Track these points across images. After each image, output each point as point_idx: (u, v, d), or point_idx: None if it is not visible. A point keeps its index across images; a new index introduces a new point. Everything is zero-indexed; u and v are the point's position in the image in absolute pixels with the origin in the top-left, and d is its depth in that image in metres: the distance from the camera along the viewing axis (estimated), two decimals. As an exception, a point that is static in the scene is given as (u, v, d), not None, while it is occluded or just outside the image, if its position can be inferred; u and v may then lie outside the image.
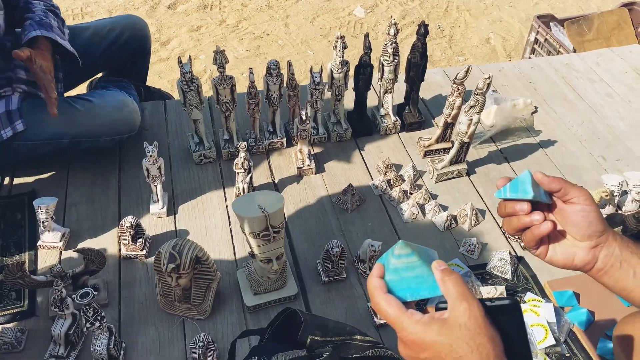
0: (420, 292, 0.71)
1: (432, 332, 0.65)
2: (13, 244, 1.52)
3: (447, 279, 0.68)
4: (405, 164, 1.83)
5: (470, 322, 0.63)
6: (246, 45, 3.25)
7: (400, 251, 0.72)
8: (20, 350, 1.29)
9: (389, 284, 0.71)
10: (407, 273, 0.71)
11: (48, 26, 1.56)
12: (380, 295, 0.70)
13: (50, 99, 1.45)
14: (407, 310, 0.68)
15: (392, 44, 1.77)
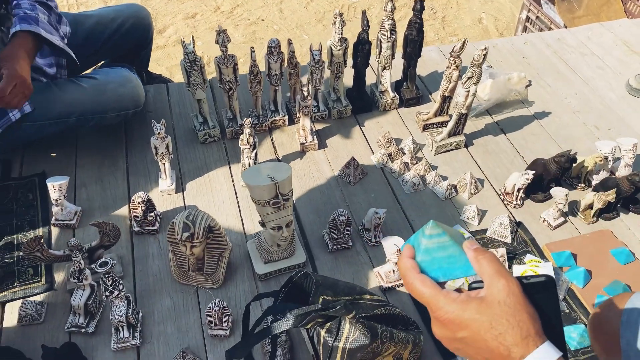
0: (453, 272, 0.70)
1: (470, 310, 0.63)
2: (27, 223, 1.56)
3: (481, 257, 0.67)
4: (405, 137, 1.88)
5: (509, 299, 0.62)
6: (242, 31, 3.28)
7: (431, 231, 0.71)
8: (40, 322, 1.34)
9: (421, 264, 0.70)
10: (439, 253, 0.70)
11: (33, 20, 1.49)
12: (414, 275, 0.69)
13: None
14: (442, 289, 0.67)
15: (390, 20, 1.81)
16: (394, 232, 1.58)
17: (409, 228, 1.61)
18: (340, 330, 1.07)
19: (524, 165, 1.81)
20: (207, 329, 1.32)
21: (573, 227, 1.64)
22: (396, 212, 1.65)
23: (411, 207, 1.67)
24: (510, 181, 1.67)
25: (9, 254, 1.47)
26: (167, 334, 1.33)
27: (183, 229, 1.28)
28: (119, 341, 1.29)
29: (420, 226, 1.58)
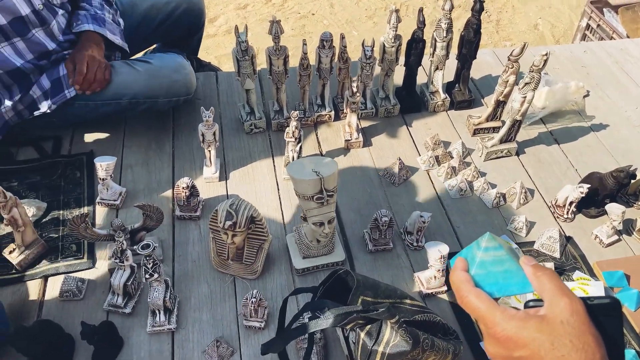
0: (509, 287, 0.67)
1: (530, 328, 0.60)
2: (73, 200, 1.59)
3: (541, 274, 0.64)
4: (454, 141, 1.83)
5: (572, 319, 0.59)
6: (291, 24, 3.27)
7: (487, 244, 0.68)
8: (80, 299, 1.36)
9: (475, 278, 0.68)
10: (494, 267, 0.67)
11: (101, 20, 1.67)
12: (469, 288, 0.66)
13: None
14: (499, 305, 0.64)
15: (447, 19, 1.76)
16: (436, 237, 1.54)
17: (452, 234, 1.56)
18: (380, 333, 1.04)
19: (578, 178, 1.73)
20: (242, 320, 1.32)
21: (627, 246, 1.56)
22: (440, 217, 1.60)
23: (456, 213, 1.62)
24: (563, 194, 1.60)
25: (54, 229, 1.50)
26: (202, 321, 1.33)
27: (226, 217, 1.27)
28: (154, 324, 1.29)
29: (464, 233, 1.55)
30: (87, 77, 1.57)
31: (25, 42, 1.50)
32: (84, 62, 1.57)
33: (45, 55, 1.57)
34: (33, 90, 1.59)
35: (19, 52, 1.51)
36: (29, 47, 1.52)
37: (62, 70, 1.59)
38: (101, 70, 1.60)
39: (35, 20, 1.51)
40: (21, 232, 1.37)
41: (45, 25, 1.54)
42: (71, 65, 1.59)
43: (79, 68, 1.57)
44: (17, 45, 1.49)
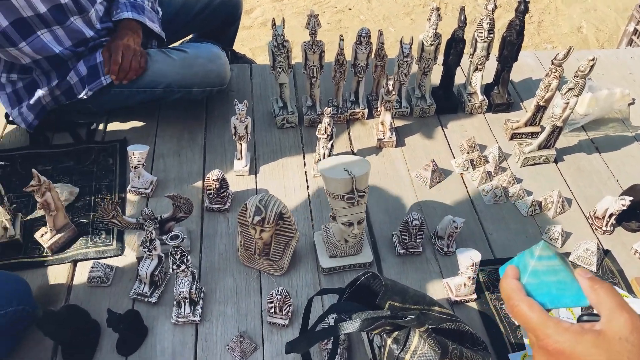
0: (562, 299, 0.65)
1: (585, 342, 0.58)
2: (105, 187, 1.60)
3: (599, 287, 0.61)
4: (490, 144, 1.78)
5: (632, 336, 0.56)
6: (327, 18, 3.24)
7: (541, 252, 0.66)
8: (107, 285, 1.37)
9: (527, 287, 0.65)
10: (548, 277, 0.65)
11: (140, 8, 1.68)
12: (521, 297, 0.64)
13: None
14: (552, 316, 0.62)
15: (489, 19, 1.71)
16: (468, 243, 1.50)
17: (484, 241, 1.52)
18: (408, 341, 1.01)
19: (619, 189, 1.66)
20: (266, 316, 1.31)
21: (669, 263, 1.49)
22: (473, 223, 1.56)
23: (490, 219, 1.57)
24: (603, 205, 1.54)
25: (85, 215, 1.52)
26: (226, 315, 1.33)
27: (255, 212, 1.26)
28: (179, 315, 1.29)
29: (497, 241, 1.50)
30: (122, 65, 1.58)
31: (64, 29, 1.52)
32: (119, 52, 1.58)
33: (83, 43, 1.59)
34: (70, 76, 1.60)
35: (58, 39, 1.52)
36: (67, 34, 1.54)
37: (99, 57, 1.60)
38: (136, 59, 1.61)
39: (74, 8, 1.52)
40: (53, 216, 1.38)
41: (83, 14, 1.55)
42: (107, 53, 1.60)
43: (114, 57, 1.58)
44: (56, 33, 1.51)
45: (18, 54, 1.49)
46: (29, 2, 1.40)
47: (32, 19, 1.44)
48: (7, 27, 1.41)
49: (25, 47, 1.47)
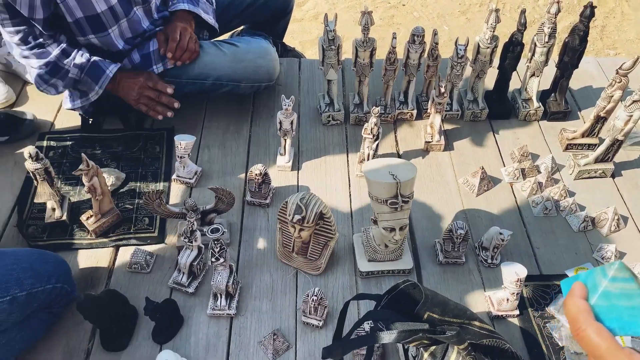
0: (634, 327, 0.59)
1: None
2: (150, 174, 1.62)
3: None
4: (543, 154, 1.70)
5: None
6: (380, 14, 3.19)
7: (617, 274, 0.61)
8: (147, 272, 1.39)
9: (595, 309, 0.61)
10: (621, 301, 0.60)
11: (195, 0, 1.70)
12: (590, 321, 0.59)
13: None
14: (624, 346, 0.57)
15: (551, 23, 1.63)
16: (513, 256, 1.44)
17: (531, 255, 1.45)
18: (446, 357, 0.98)
19: (681, 210, 1.56)
20: (301, 315, 1.29)
21: None
22: (520, 235, 1.50)
23: (538, 232, 1.50)
24: (662, 226, 1.45)
25: (130, 201, 1.54)
26: (261, 311, 1.32)
27: (295, 210, 1.24)
28: (215, 308, 1.30)
29: (544, 256, 1.44)
30: (180, 44, 1.60)
31: (128, 21, 1.55)
32: (177, 31, 1.61)
33: (140, 34, 1.61)
34: (124, 63, 1.63)
35: (122, 33, 1.56)
36: (129, 26, 1.57)
37: (152, 46, 1.62)
38: (192, 41, 1.63)
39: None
40: (99, 201, 1.41)
41: (146, 4, 1.58)
42: (163, 36, 1.62)
43: (172, 36, 1.60)
44: (121, 26, 1.54)
45: (86, 43, 1.55)
46: None
47: (105, 14, 1.48)
48: (82, 19, 1.46)
49: (94, 39, 1.53)
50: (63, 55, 1.52)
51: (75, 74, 1.55)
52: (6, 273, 1.09)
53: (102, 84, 1.57)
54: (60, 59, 1.51)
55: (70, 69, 1.53)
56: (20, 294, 1.09)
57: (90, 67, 1.55)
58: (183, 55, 1.62)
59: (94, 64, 1.55)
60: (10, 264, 1.11)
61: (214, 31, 1.80)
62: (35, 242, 1.42)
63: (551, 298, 1.36)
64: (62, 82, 1.56)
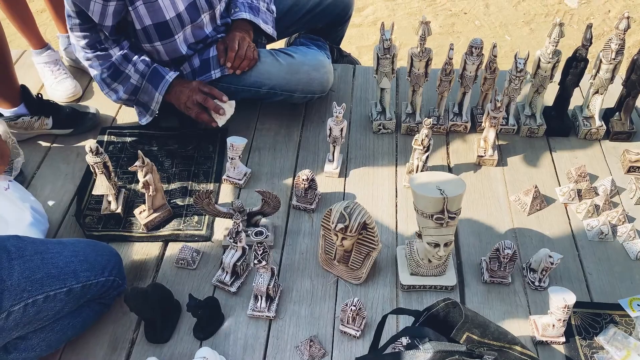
0: None
1: None
2: (202, 173, 1.67)
3: None
4: (603, 176, 1.63)
5: None
6: (440, 21, 3.14)
7: None
8: (193, 269, 1.43)
9: None
10: None
11: (256, 10, 1.75)
12: None
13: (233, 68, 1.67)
14: None
15: (619, 40, 1.56)
16: (563, 281, 1.39)
17: (582, 281, 1.39)
18: (481, 382, 0.95)
19: None
20: (339, 324, 1.30)
21: None
22: (571, 259, 1.44)
23: (591, 258, 1.44)
24: None
25: (181, 198, 1.59)
26: (299, 316, 1.33)
27: (339, 219, 1.25)
28: (255, 309, 1.32)
29: (596, 283, 1.39)
30: (238, 53, 1.64)
31: (192, 27, 1.61)
32: (235, 41, 1.65)
33: (202, 39, 1.67)
34: (184, 67, 1.69)
35: (186, 38, 1.62)
36: (193, 32, 1.62)
37: (212, 52, 1.67)
38: (251, 50, 1.67)
39: (205, 5, 1.60)
40: (152, 196, 1.47)
41: (211, 10, 1.63)
42: (222, 46, 1.67)
43: (231, 45, 1.64)
44: (186, 32, 1.60)
45: (150, 49, 1.62)
46: (173, 2, 1.51)
47: (173, 21, 1.54)
48: (150, 26, 1.53)
49: (160, 46, 1.60)
50: (124, 60, 1.58)
51: (136, 80, 1.61)
52: (65, 266, 1.14)
53: (162, 89, 1.63)
54: (121, 63, 1.59)
55: (132, 74, 1.60)
56: (76, 285, 1.15)
57: (150, 73, 1.61)
58: (242, 63, 1.66)
59: (154, 70, 1.62)
60: (70, 256, 1.17)
61: (272, 39, 1.83)
62: (91, 232, 1.49)
63: (601, 327, 1.29)
64: (123, 87, 1.63)
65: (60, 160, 1.72)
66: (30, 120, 1.72)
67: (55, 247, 1.17)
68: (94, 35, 1.53)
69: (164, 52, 1.63)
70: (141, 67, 1.60)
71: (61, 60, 1.98)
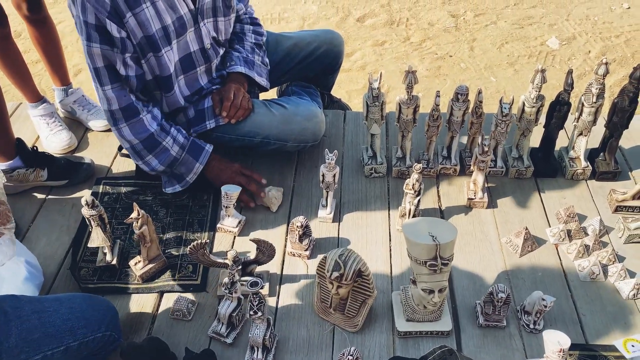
0: None
1: None
2: (197, 222, 1.68)
3: None
4: (591, 216, 1.66)
5: None
6: (427, 64, 3.23)
7: None
8: (188, 320, 1.42)
9: None
10: None
11: (251, 63, 1.81)
12: None
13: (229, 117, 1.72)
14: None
15: (599, 84, 1.62)
16: (557, 323, 1.40)
17: (576, 322, 1.40)
18: None
19: None
20: (336, 373, 1.29)
21: None
22: (564, 300, 1.45)
23: (584, 298, 1.46)
24: None
25: (176, 248, 1.60)
26: (296, 366, 1.33)
27: (334, 267, 1.26)
28: (252, 360, 1.31)
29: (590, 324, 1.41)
30: (234, 103, 1.69)
31: (186, 78, 1.66)
32: (231, 91, 1.70)
33: (198, 91, 1.71)
34: (179, 117, 1.72)
35: (181, 90, 1.66)
36: (187, 83, 1.67)
37: (207, 103, 1.71)
38: (246, 100, 1.72)
39: (202, 58, 1.65)
40: (147, 247, 1.47)
41: (207, 63, 1.68)
42: (218, 96, 1.71)
43: (227, 96, 1.69)
44: (180, 82, 1.64)
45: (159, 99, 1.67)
46: (173, 55, 1.56)
47: (173, 75, 1.59)
48: (159, 77, 1.58)
49: (164, 98, 1.65)
50: (162, 131, 1.61)
51: (176, 152, 1.63)
52: (62, 324, 1.14)
53: (203, 159, 1.67)
54: (159, 134, 1.60)
55: (170, 146, 1.62)
56: (73, 343, 1.15)
57: (191, 145, 1.66)
58: (237, 113, 1.70)
59: (193, 142, 1.67)
60: (66, 313, 1.17)
61: (265, 89, 1.88)
62: (86, 284, 1.49)
63: (598, 370, 1.30)
64: (158, 159, 1.63)
65: (56, 212, 1.73)
66: (25, 172, 1.74)
67: (52, 305, 1.17)
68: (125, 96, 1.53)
69: (166, 103, 1.67)
70: (181, 139, 1.64)
71: (57, 113, 2.02)
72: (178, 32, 1.55)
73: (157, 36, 1.49)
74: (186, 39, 1.58)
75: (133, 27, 1.45)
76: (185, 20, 1.55)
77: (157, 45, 1.50)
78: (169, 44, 1.53)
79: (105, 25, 1.41)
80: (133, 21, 1.44)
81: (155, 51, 1.51)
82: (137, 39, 1.47)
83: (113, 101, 1.53)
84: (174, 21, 1.52)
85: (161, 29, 1.50)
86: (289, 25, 3.59)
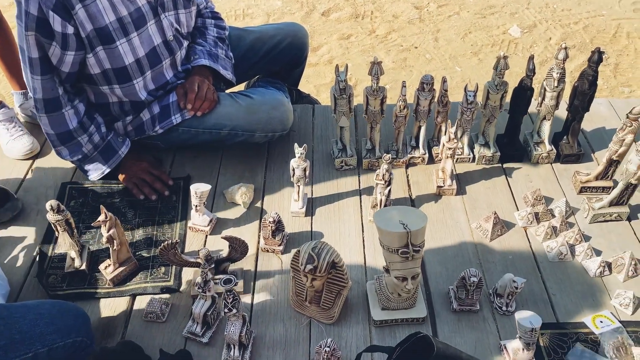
0: None
1: None
2: (167, 222, 1.66)
3: None
4: (557, 198, 1.70)
5: None
6: (393, 56, 3.25)
7: None
8: (162, 321, 1.40)
9: None
10: None
11: (215, 57, 1.80)
12: None
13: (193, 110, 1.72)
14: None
15: (559, 69, 1.65)
16: (529, 304, 1.43)
17: (547, 302, 1.44)
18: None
19: (701, 253, 1.53)
20: (314, 366, 1.29)
21: None
22: (534, 281, 1.48)
23: (553, 278, 1.49)
24: (682, 271, 1.42)
25: (147, 250, 1.58)
26: (274, 361, 1.32)
27: (307, 260, 1.26)
28: (228, 358, 1.30)
29: (560, 303, 1.43)
30: (198, 95, 1.67)
31: (152, 73, 1.62)
32: (195, 83, 1.68)
33: (163, 86, 1.68)
34: (143, 114, 1.70)
35: (146, 85, 1.63)
36: (153, 78, 1.64)
37: (171, 98, 1.69)
38: (210, 92, 1.70)
39: (166, 51, 1.62)
40: (117, 250, 1.44)
41: (172, 56, 1.66)
42: (182, 90, 1.69)
43: (191, 88, 1.67)
44: (146, 78, 1.61)
45: (108, 92, 1.62)
46: (132, 48, 1.53)
47: (132, 66, 1.56)
48: (109, 70, 1.54)
49: (118, 89, 1.61)
50: (80, 129, 1.61)
51: (88, 150, 1.65)
52: (29, 329, 1.11)
53: (112, 163, 1.68)
54: (76, 131, 1.61)
55: (85, 144, 1.63)
56: (42, 349, 1.11)
57: (105, 146, 1.66)
58: (202, 105, 1.69)
59: (108, 144, 1.66)
60: (34, 319, 1.13)
61: (231, 84, 1.87)
62: (55, 291, 1.45)
63: (569, 347, 1.33)
64: (69, 151, 1.65)
65: (20, 219, 1.68)
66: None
67: (19, 311, 1.13)
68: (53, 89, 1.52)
69: (122, 94, 1.63)
70: (96, 139, 1.64)
71: (17, 117, 1.96)
72: (136, 24, 1.52)
73: (111, 28, 1.47)
74: (148, 32, 1.56)
75: (82, 19, 1.42)
76: (144, 11, 1.53)
77: (110, 37, 1.48)
78: (126, 36, 1.51)
79: (48, 18, 1.38)
80: (83, 13, 1.41)
81: (106, 43, 1.49)
82: (85, 32, 1.45)
83: (39, 91, 1.52)
84: (131, 12, 1.50)
85: (116, 20, 1.48)
86: (254, 21, 3.56)
